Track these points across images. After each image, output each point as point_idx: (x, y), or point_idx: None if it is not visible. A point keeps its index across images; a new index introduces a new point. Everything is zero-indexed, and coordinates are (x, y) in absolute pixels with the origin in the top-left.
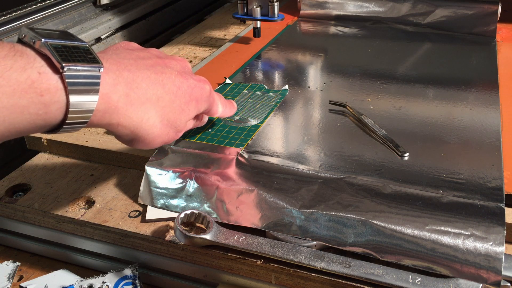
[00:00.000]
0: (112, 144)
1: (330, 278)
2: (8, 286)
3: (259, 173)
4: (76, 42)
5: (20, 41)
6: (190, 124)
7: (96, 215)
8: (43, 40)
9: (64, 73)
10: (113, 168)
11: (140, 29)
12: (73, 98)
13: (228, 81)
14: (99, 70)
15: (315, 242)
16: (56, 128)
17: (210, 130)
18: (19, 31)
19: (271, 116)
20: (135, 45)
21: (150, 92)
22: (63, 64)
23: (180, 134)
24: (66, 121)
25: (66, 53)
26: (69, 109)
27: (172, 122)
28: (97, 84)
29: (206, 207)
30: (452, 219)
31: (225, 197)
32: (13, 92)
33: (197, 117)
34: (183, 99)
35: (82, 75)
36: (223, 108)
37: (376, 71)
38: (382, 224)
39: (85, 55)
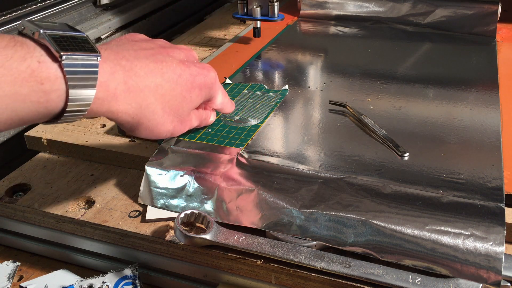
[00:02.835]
0: (112, 144)
1: (330, 278)
2: (8, 286)
3: (259, 173)
4: (74, 33)
5: (20, 33)
6: (196, 122)
7: (96, 215)
8: (41, 30)
9: (62, 61)
10: (113, 168)
11: (140, 29)
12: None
13: (228, 81)
14: (97, 59)
15: (315, 242)
16: (58, 116)
17: (210, 130)
18: (18, 24)
19: (271, 116)
20: (141, 36)
21: (148, 79)
22: (62, 53)
23: (187, 126)
24: (67, 109)
25: (65, 43)
26: (69, 97)
27: (174, 110)
28: (95, 72)
29: (206, 207)
30: (452, 219)
31: (225, 197)
32: (14, 81)
33: (203, 115)
34: (184, 87)
35: (80, 64)
36: (223, 99)
37: (376, 71)
38: (382, 224)
39: (83, 45)
